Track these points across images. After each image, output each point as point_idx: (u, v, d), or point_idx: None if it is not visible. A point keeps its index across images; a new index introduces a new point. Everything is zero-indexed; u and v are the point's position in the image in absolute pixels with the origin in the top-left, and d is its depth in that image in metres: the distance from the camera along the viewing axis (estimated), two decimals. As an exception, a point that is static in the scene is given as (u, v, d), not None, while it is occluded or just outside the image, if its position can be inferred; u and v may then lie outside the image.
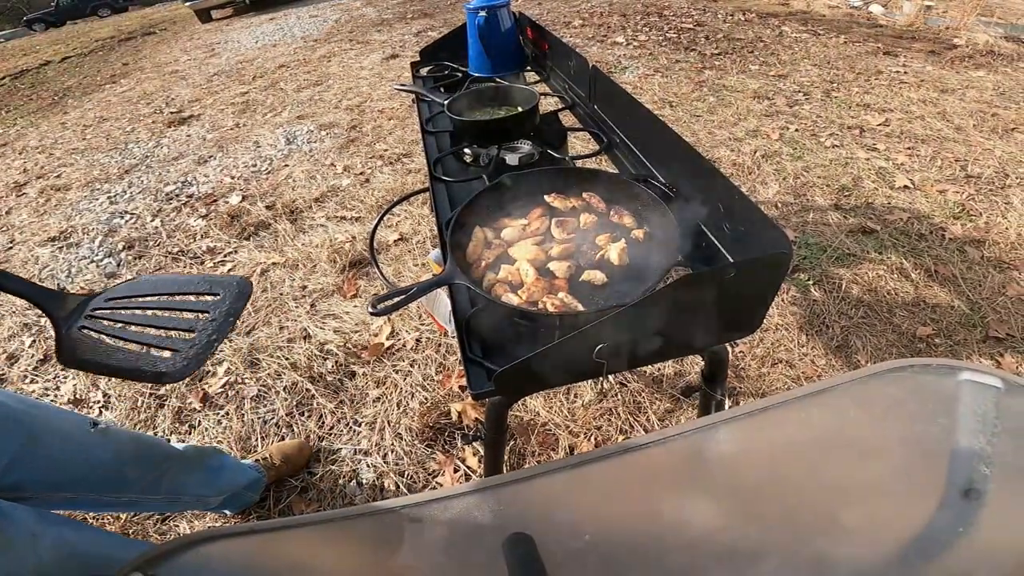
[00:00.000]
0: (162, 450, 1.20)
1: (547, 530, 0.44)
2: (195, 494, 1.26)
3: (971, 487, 0.41)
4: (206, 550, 0.46)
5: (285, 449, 1.57)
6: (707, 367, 0.96)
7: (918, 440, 0.45)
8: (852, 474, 0.44)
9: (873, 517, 0.42)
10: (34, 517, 0.89)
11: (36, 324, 2.23)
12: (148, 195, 3.31)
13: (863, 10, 5.23)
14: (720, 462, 0.48)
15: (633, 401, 1.61)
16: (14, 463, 0.93)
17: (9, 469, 0.92)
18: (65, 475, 1.01)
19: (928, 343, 1.71)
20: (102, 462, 1.07)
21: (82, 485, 1.04)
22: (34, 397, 1.87)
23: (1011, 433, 0.43)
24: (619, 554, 0.43)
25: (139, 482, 1.14)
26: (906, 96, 3.30)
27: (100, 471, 1.06)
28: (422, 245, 2.38)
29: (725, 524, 0.43)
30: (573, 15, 5.85)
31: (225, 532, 0.47)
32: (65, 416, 1.07)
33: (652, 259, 0.87)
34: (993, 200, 2.30)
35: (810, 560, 0.42)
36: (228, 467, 1.37)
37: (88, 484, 1.05)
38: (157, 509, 1.25)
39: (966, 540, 0.39)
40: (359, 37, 6.35)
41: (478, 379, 0.75)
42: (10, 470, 0.92)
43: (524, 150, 1.27)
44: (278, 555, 0.47)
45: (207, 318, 0.43)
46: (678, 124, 3.17)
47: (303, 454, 1.59)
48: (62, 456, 1.01)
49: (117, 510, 1.15)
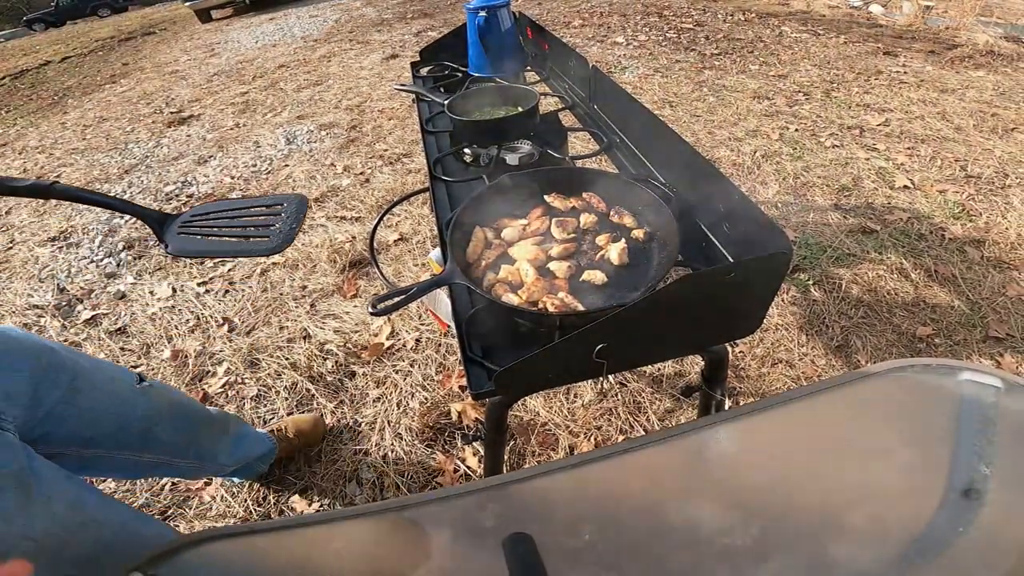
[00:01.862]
0: (198, 414, 1.18)
1: (547, 530, 0.44)
2: (218, 461, 1.26)
3: (971, 487, 0.41)
4: (206, 550, 0.46)
5: (300, 423, 1.57)
6: (707, 367, 0.96)
7: (918, 440, 0.45)
8: (852, 474, 0.44)
9: (873, 517, 0.42)
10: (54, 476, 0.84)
11: (36, 324, 2.23)
12: (148, 195, 3.31)
13: (863, 10, 5.23)
14: (720, 462, 0.48)
15: (633, 401, 1.61)
16: (50, 414, 0.90)
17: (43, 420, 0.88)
18: (98, 430, 0.97)
19: (928, 343, 1.71)
20: (138, 419, 1.04)
21: (111, 442, 1.01)
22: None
23: (1011, 433, 0.43)
24: (619, 554, 0.43)
25: (170, 444, 1.11)
26: (906, 96, 3.30)
27: (134, 429, 1.03)
28: (422, 245, 2.38)
29: (725, 524, 0.43)
30: (573, 15, 5.85)
31: (225, 532, 0.47)
32: (111, 370, 1.04)
33: (652, 259, 0.87)
34: (993, 200, 2.30)
35: (810, 560, 0.42)
36: (247, 436, 1.37)
37: (118, 441, 1.02)
38: (180, 474, 1.22)
39: (966, 540, 0.39)
40: (359, 37, 6.35)
41: (478, 379, 0.75)
42: (44, 421, 0.89)
43: (524, 150, 1.27)
44: (278, 555, 0.47)
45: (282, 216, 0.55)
46: (678, 124, 3.17)
47: (317, 430, 1.59)
48: (100, 411, 0.97)
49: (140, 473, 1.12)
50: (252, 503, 1.47)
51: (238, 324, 2.11)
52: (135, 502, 1.49)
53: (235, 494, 1.49)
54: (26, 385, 0.86)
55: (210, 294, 2.30)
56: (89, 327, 2.15)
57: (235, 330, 2.08)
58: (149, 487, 1.53)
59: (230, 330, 2.08)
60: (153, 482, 1.54)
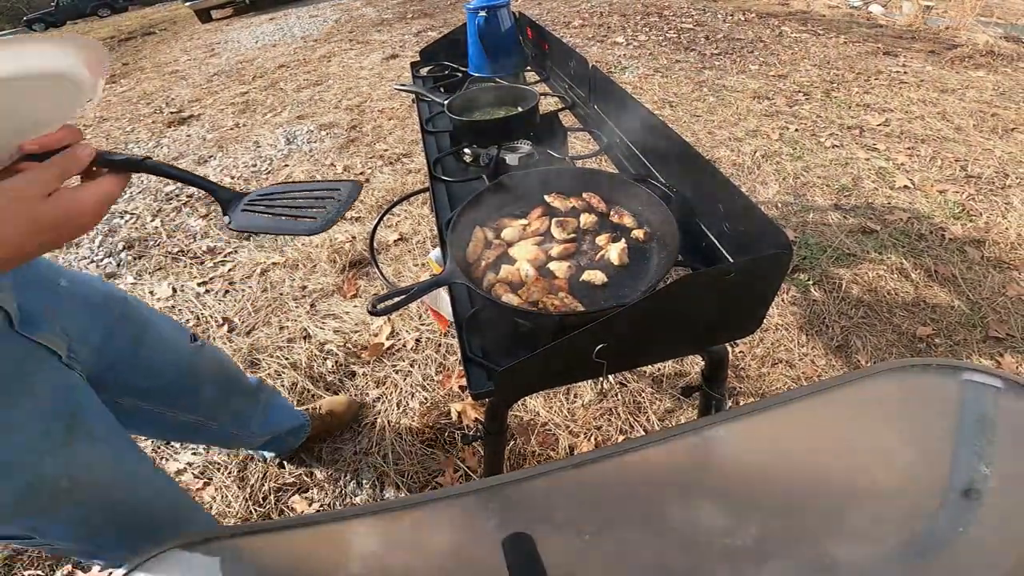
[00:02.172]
0: (239, 378, 1.22)
1: (547, 530, 0.44)
2: (251, 429, 1.28)
3: (971, 487, 0.41)
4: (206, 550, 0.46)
5: (334, 404, 1.61)
6: (707, 367, 0.96)
7: (918, 440, 0.45)
8: (852, 474, 0.45)
9: (873, 517, 0.42)
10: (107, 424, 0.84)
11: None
12: (148, 195, 3.31)
13: (863, 10, 5.23)
14: (720, 462, 0.48)
15: (633, 401, 1.61)
16: (115, 362, 0.92)
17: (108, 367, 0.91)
18: (153, 383, 1.00)
19: (928, 343, 1.71)
20: (189, 377, 1.07)
21: (162, 396, 1.04)
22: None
23: (1011, 433, 0.43)
24: (619, 554, 0.43)
25: (212, 405, 1.14)
26: (906, 96, 3.30)
27: (185, 385, 1.07)
28: (422, 245, 2.38)
29: (725, 524, 0.43)
30: (573, 15, 5.85)
31: (225, 532, 0.47)
32: (171, 326, 1.07)
33: (652, 259, 0.87)
34: (993, 200, 2.30)
35: (810, 559, 0.42)
36: (281, 407, 1.40)
37: (167, 396, 1.05)
38: (215, 438, 1.24)
39: (966, 540, 0.39)
40: (359, 37, 6.35)
41: (478, 379, 0.75)
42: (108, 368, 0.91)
43: (524, 150, 1.27)
44: (278, 555, 0.47)
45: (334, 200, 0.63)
46: (678, 124, 3.17)
47: (350, 410, 1.63)
48: (158, 364, 1.00)
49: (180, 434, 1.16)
50: (252, 503, 1.47)
51: (238, 324, 2.11)
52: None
53: (235, 494, 1.49)
54: (100, 330, 0.89)
55: (210, 294, 2.30)
56: (89, 327, 2.15)
57: (235, 330, 2.08)
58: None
59: (230, 330, 2.08)
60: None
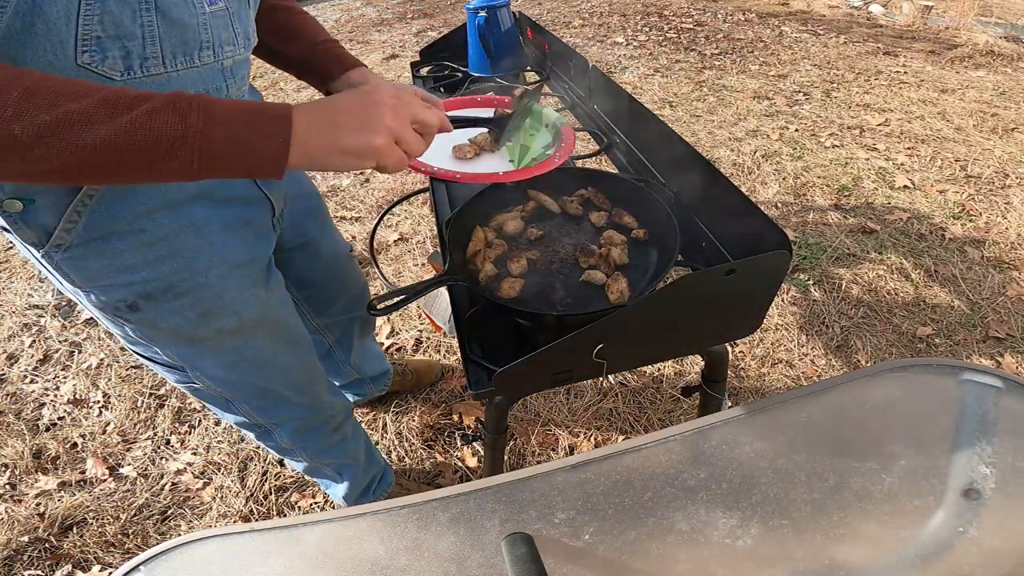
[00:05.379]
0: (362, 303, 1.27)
1: (547, 530, 0.44)
2: (347, 357, 1.35)
3: (971, 487, 0.41)
4: (206, 549, 0.46)
5: (417, 363, 1.67)
6: (707, 367, 0.96)
7: (918, 440, 0.45)
8: (852, 474, 0.45)
9: (873, 517, 0.42)
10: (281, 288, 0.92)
11: (36, 324, 2.23)
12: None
13: (863, 10, 5.23)
14: (720, 462, 0.48)
15: (633, 401, 1.61)
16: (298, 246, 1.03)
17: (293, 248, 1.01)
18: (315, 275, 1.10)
19: (928, 343, 1.71)
20: (334, 281, 1.16)
21: (313, 293, 1.14)
22: (36, 395, 1.87)
23: (1011, 433, 0.43)
24: (619, 554, 0.43)
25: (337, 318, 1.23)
26: (906, 96, 3.30)
27: (328, 287, 1.16)
28: (422, 245, 2.38)
29: (725, 524, 0.43)
30: (573, 15, 5.85)
31: (225, 532, 0.47)
32: (337, 233, 1.17)
33: (652, 259, 0.87)
34: (993, 200, 2.30)
35: (810, 560, 0.42)
36: (374, 351, 1.48)
37: (317, 295, 1.15)
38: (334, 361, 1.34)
39: (966, 540, 0.39)
40: (359, 37, 6.35)
41: (478, 379, 0.75)
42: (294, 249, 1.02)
43: (524, 150, 1.27)
44: (278, 555, 0.47)
45: None
46: (678, 124, 3.17)
47: (431, 371, 1.68)
48: (324, 260, 1.10)
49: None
50: (252, 502, 1.47)
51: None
52: (135, 502, 1.49)
53: (236, 493, 1.49)
54: (301, 210, 1.01)
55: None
56: (89, 327, 2.15)
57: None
58: (149, 487, 1.53)
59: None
60: (153, 481, 1.54)
